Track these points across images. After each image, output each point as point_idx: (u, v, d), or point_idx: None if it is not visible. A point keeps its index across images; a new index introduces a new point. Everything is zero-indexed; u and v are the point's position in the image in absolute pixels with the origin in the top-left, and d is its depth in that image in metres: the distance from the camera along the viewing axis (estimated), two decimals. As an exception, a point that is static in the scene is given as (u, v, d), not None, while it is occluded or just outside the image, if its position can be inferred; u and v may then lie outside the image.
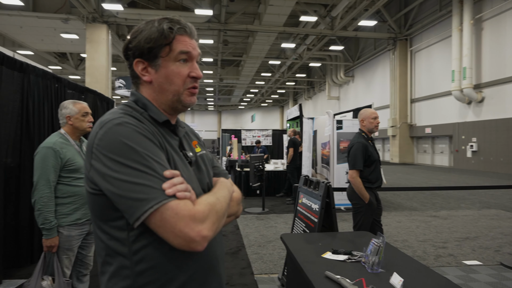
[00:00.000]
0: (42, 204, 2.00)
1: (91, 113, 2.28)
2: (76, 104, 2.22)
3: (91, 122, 2.25)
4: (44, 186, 2.00)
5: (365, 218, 2.99)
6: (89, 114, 2.26)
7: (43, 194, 2.00)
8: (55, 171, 2.04)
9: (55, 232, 2.04)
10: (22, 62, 3.32)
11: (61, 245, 2.09)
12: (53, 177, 2.04)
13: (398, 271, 1.51)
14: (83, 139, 2.35)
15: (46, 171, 2.02)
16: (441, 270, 3.45)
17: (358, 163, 3.00)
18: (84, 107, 2.24)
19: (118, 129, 0.79)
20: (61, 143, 2.11)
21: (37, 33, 17.36)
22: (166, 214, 0.73)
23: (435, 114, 18.13)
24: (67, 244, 2.11)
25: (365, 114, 3.17)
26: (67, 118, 2.19)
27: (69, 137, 2.19)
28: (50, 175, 2.02)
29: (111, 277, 0.83)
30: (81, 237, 2.19)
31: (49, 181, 2.02)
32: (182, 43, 0.89)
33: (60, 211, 2.08)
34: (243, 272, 3.40)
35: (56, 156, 2.05)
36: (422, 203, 7.45)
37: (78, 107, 2.21)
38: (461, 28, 15.24)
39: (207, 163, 1.03)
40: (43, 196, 2.00)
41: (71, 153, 2.13)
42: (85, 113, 2.23)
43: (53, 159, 2.04)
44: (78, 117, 2.19)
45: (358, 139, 3.11)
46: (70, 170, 2.10)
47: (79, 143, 2.26)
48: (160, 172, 0.77)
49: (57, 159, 2.05)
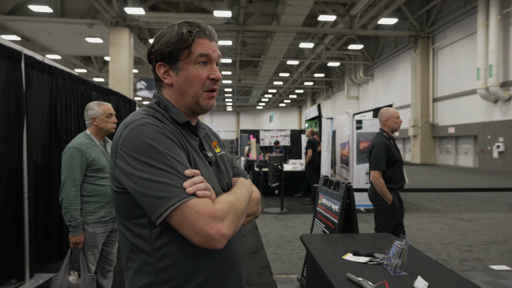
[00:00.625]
0: (68, 202, 2.08)
1: (115, 114, 2.36)
2: (101, 105, 2.30)
3: (115, 123, 2.32)
4: (70, 185, 2.08)
5: (387, 219, 2.94)
6: (113, 115, 2.33)
7: (69, 192, 2.08)
8: (80, 170, 2.12)
9: (81, 229, 2.12)
10: (51, 65, 3.46)
11: (86, 241, 2.16)
12: (79, 176, 2.11)
13: (423, 274, 1.48)
14: (108, 140, 2.42)
15: (72, 171, 2.10)
16: (467, 274, 3.34)
17: (380, 163, 2.94)
18: (108, 109, 2.31)
19: (141, 129, 0.82)
20: (87, 144, 2.18)
21: (64, 38, 18.11)
22: (186, 212, 0.76)
23: (458, 113, 17.54)
24: (92, 241, 2.18)
25: (389, 113, 3.10)
26: (92, 119, 2.26)
27: (94, 138, 2.26)
28: (76, 174, 2.10)
29: (135, 273, 0.86)
30: (105, 234, 2.26)
31: (75, 180, 2.10)
32: (201, 46, 0.92)
33: (85, 209, 2.16)
34: (262, 272, 3.41)
35: (81, 156, 2.12)
36: (445, 205, 7.23)
37: (102, 108, 2.28)
38: (487, 24, 14.68)
39: (227, 163, 1.06)
40: (70, 195, 2.08)
41: (96, 153, 2.20)
42: (109, 114, 2.30)
43: (79, 159, 2.11)
44: (102, 118, 2.26)
45: (380, 139, 3.05)
46: (95, 170, 2.18)
47: (104, 143, 2.33)
48: (181, 171, 0.80)
49: (82, 159, 2.12)
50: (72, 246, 2.14)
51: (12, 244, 2.96)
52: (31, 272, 3.08)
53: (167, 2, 16.98)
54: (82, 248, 2.16)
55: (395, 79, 23.29)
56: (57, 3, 15.33)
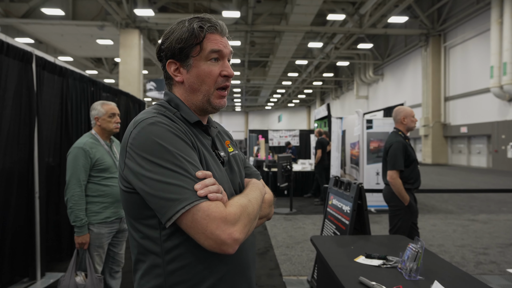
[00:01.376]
0: (73, 202, 2.07)
1: (118, 114, 2.33)
2: (104, 105, 2.28)
3: (118, 123, 2.29)
4: (75, 185, 2.08)
5: (403, 221, 2.87)
6: (116, 115, 2.30)
7: (74, 193, 2.07)
8: (85, 170, 2.11)
9: (86, 229, 2.11)
10: (61, 66, 3.49)
11: (91, 242, 2.16)
12: (83, 176, 2.11)
13: (439, 279, 1.42)
14: (114, 139, 2.41)
15: (76, 171, 2.09)
16: (483, 278, 3.25)
17: (398, 163, 2.87)
18: (111, 108, 2.27)
19: (151, 128, 0.79)
20: (91, 143, 2.17)
21: (76, 40, 18.42)
22: (197, 216, 0.73)
23: (471, 112, 17.19)
24: (97, 241, 2.17)
25: (407, 112, 3.03)
26: (95, 119, 2.25)
27: (99, 137, 2.25)
28: (81, 175, 2.09)
29: (144, 274, 0.84)
30: (111, 234, 2.25)
31: (80, 180, 2.09)
32: (213, 42, 0.88)
33: (90, 209, 2.15)
34: (271, 273, 3.38)
35: (86, 156, 2.11)
36: (458, 206, 7.08)
37: (105, 108, 2.26)
38: (501, 21, 14.35)
39: (240, 163, 1.02)
40: (74, 195, 2.07)
41: (101, 153, 2.19)
42: (111, 114, 2.26)
43: (83, 159, 2.10)
44: (105, 118, 2.24)
45: (397, 138, 2.97)
46: (99, 170, 2.16)
47: (109, 143, 2.32)
48: (192, 172, 0.77)
49: (87, 159, 2.11)
50: (78, 246, 2.13)
51: (24, 244, 2.99)
52: (42, 271, 3.11)
53: (176, 3, 17.09)
54: (88, 249, 2.16)
55: (405, 78, 22.97)
56: (69, 6, 15.57)
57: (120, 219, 2.31)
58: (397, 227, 2.87)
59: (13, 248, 2.88)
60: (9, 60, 2.80)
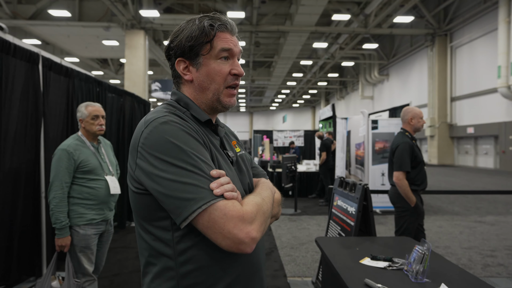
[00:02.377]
0: (54, 204, 2.07)
1: (103, 116, 2.31)
2: (87, 107, 2.27)
3: (101, 125, 2.28)
4: (57, 187, 2.08)
5: (410, 222, 2.85)
6: (100, 117, 2.28)
7: (55, 195, 2.07)
8: (68, 172, 2.11)
9: (67, 232, 2.10)
10: (67, 67, 3.52)
11: (78, 244, 2.15)
12: (66, 178, 2.10)
13: (446, 282, 1.41)
14: (102, 140, 2.41)
15: (59, 173, 2.09)
16: (491, 281, 3.21)
17: (405, 164, 2.84)
18: (94, 110, 2.26)
19: (164, 127, 0.78)
20: (76, 145, 2.18)
21: (82, 41, 18.59)
22: (214, 215, 0.72)
23: (478, 112, 17.01)
24: (84, 242, 2.17)
25: (415, 112, 3.01)
26: (80, 121, 2.26)
27: (85, 139, 2.25)
28: (64, 177, 2.09)
29: (154, 278, 0.82)
30: (97, 235, 2.25)
31: (62, 182, 2.09)
32: (223, 40, 0.88)
33: (76, 211, 2.14)
34: (276, 274, 3.36)
35: (69, 158, 2.11)
36: (465, 207, 7.00)
37: (88, 110, 2.25)
38: (509, 20, 14.18)
39: (247, 163, 1.02)
40: (56, 197, 2.07)
41: (85, 155, 2.19)
42: (94, 116, 2.25)
43: (66, 161, 2.11)
44: (88, 120, 2.24)
45: (403, 139, 2.95)
46: (84, 172, 2.16)
47: (96, 145, 2.32)
48: (207, 171, 0.76)
49: (70, 161, 2.11)
50: (58, 249, 2.12)
51: (30, 243, 3.01)
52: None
53: (181, 4, 17.15)
54: (73, 251, 2.15)
55: (411, 79, 22.80)
56: (75, 8, 15.72)
57: (106, 221, 2.30)
58: (403, 229, 2.85)
59: (20, 248, 2.90)
60: (16, 61, 2.83)
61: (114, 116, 4.66)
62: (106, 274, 3.27)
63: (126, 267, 3.48)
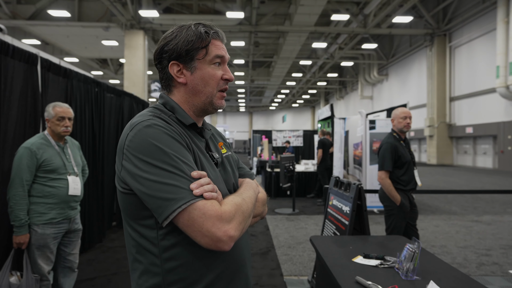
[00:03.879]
0: (14, 202, 2.08)
1: (70, 118, 2.32)
2: (55, 107, 2.27)
3: (67, 127, 2.28)
4: (17, 185, 2.08)
5: (397, 221, 2.90)
6: (66, 119, 2.28)
7: (15, 192, 2.08)
8: (30, 170, 2.12)
9: (26, 229, 2.10)
10: (66, 68, 3.54)
11: (35, 242, 2.15)
12: (27, 176, 2.11)
13: (435, 279, 1.44)
14: (69, 140, 2.42)
15: (20, 170, 2.10)
16: (484, 279, 3.24)
17: (386, 163, 2.92)
18: (60, 112, 2.26)
19: (147, 130, 0.82)
20: (40, 144, 2.19)
21: (82, 41, 18.61)
22: (193, 214, 0.76)
23: (477, 112, 17.05)
24: (42, 241, 2.17)
25: (395, 114, 3.09)
26: (46, 120, 2.27)
27: (51, 139, 2.26)
28: (25, 175, 2.10)
29: (142, 274, 0.86)
30: (58, 235, 2.25)
31: (23, 180, 2.09)
32: (217, 47, 0.93)
33: (35, 210, 2.15)
34: (272, 273, 3.39)
35: (32, 156, 2.12)
36: (462, 207, 7.04)
37: (55, 111, 2.26)
38: (508, 20, 14.21)
39: (233, 164, 1.05)
40: (16, 195, 2.08)
41: (49, 154, 2.19)
42: (60, 118, 2.26)
43: (28, 159, 2.11)
44: (53, 121, 2.25)
45: (388, 139, 3.04)
46: (46, 171, 2.17)
47: (62, 145, 2.32)
48: (188, 172, 0.80)
49: (32, 159, 2.12)
50: (16, 246, 2.12)
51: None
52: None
53: (181, 4, 17.16)
54: (29, 249, 2.15)
55: (410, 78, 22.84)
56: (75, 8, 15.73)
57: (68, 219, 2.30)
58: (392, 227, 2.92)
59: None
60: (14, 62, 2.85)
61: (112, 117, 4.68)
62: (105, 273, 3.30)
63: (125, 266, 3.50)
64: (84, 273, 3.25)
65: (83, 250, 3.71)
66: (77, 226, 2.42)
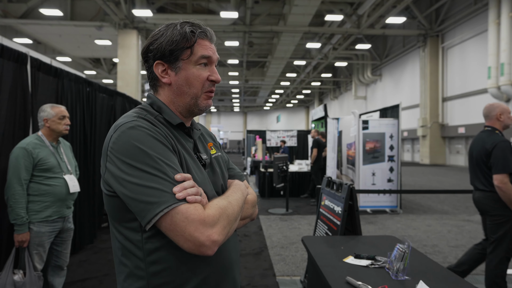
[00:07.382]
0: (13, 200, 2.11)
1: (68, 117, 2.42)
2: (53, 107, 2.35)
3: (67, 125, 2.38)
4: (16, 184, 2.12)
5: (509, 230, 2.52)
6: (66, 118, 2.39)
7: (15, 191, 2.12)
8: (27, 170, 2.17)
9: (26, 228, 2.15)
10: (56, 67, 3.50)
11: (31, 240, 2.19)
12: (25, 175, 2.16)
13: (425, 279, 1.44)
14: (61, 141, 2.48)
15: (18, 170, 2.14)
16: (475, 278, 3.27)
17: (509, 165, 2.45)
18: (61, 111, 2.36)
19: (130, 132, 0.80)
20: (35, 144, 2.24)
21: (74, 40, 18.42)
22: (176, 218, 0.74)
23: (469, 113, 17.24)
24: (37, 240, 2.22)
25: (503, 108, 2.62)
26: (44, 120, 2.32)
27: (45, 139, 2.32)
28: (22, 173, 2.15)
29: (127, 277, 0.85)
30: (52, 233, 2.30)
31: (21, 179, 2.14)
32: (203, 47, 0.90)
33: (31, 208, 2.19)
34: (265, 274, 3.39)
35: (28, 155, 2.18)
36: (454, 206, 7.11)
37: (55, 111, 2.34)
38: (499, 21, 14.40)
39: (222, 165, 1.03)
40: (15, 193, 2.12)
41: (44, 154, 2.25)
42: (62, 117, 2.35)
43: (25, 158, 2.17)
44: (55, 120, 2.32)
45: (497, 137, 2.57)
46: (42, 170, 2.22)
47: (56, 145, 2.39)
48: (171, 175, 0.78)
49: (29, 158, 2.18)
50: (17, 244, 2.16)
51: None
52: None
53: (175, 4, 17.09)
54: (28, 247, 2.19)
55: (403, 79, 23.03)
56: (67, 7, 15.56)
57: (63, 218, 2.35)
58: (504, 237, 2.55)
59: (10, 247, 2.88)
60: (3, 62, 2.81)
61: (104, 117, 4.64)
62: (96, 274, 3.27)
63: (116, 267, 3.47)
64: (75, 274, 3.22)
65: (74, 251, 3.67)
66: (70, 225, 2.47)
